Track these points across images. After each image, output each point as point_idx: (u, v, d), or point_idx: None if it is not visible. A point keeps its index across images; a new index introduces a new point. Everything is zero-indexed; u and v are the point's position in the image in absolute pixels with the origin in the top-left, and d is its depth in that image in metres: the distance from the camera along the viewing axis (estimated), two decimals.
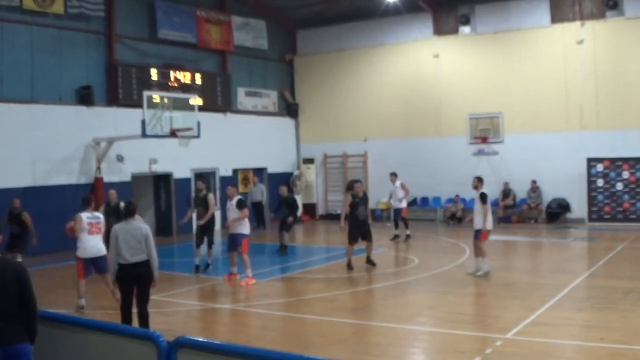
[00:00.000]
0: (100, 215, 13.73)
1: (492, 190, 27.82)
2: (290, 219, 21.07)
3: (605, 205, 26.57)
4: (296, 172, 32.37)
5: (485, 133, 28.90)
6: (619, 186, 26.43)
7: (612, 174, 26.47)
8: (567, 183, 27.00)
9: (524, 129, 28.01)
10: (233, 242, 16.13)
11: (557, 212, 27.51)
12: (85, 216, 13.16)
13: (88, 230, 13.03)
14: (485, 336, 10.58)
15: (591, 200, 26.96)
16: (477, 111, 29.03)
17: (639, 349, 9.78)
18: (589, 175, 26.77)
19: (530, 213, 27.96)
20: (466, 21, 29.55)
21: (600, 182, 26.80)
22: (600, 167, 26.60)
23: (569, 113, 27.32)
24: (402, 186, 23.61)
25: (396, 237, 23.38)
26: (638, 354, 9.60)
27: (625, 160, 26.49)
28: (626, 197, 26.38)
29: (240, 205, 16.09)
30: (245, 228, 16.10)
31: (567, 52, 27.36)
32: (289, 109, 33.65)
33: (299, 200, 31.67)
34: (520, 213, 28.11)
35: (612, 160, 26.63)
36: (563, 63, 27.43)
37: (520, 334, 10.63)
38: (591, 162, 26.88)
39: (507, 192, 28.25)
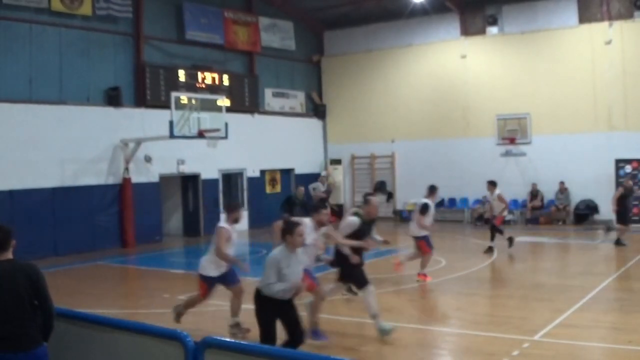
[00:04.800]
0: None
1: (520, 191, 27.83)
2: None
3: (635, 207, 26.31)
4: (324, 173, 32.34)
5: (512, 134, 28.76)
6: None
7: None
8: (595, 184, 26.74)
9: (552, 130, 27.83)
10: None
11: (585, 213, 27.30)
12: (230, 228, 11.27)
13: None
14: (512, 338, 10.51)
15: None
16: (504, 112, 28.88)
17: None
18: (617, 176, 26.53)
19: (558, 214, 27.76)
20: (493, 21, 29.40)
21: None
22: (628, 168, 26.36)
23: (597, 114, 27.11)
24: (500, 198, 20.68)
25: (490, 249, 20.64)
26: None
27: None
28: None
29: (422, 210, 16.18)
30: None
31: (595, 52, 27.15)
32: (316, 110, 33.67)
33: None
34: (548, 214, 27.92)
35: None
36: (591, 63, 27.23)
37: (547, 336, 10.56)
38: (619, 163, 26.64)
39: (535, 194, 28.08)
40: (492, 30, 29.53)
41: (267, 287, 8.40)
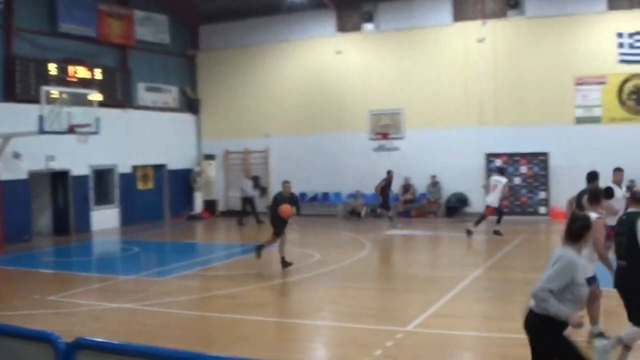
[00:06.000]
0: None
1: (393, 185, 28.10)
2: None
3: (504, 199, 27.05)
4: (197, 169, 31.88)
5: (386, 129, 29.11)
6: (517, 180, 26.99)
7: (510, 169, 26.95)
8: (466, 178, 27.35)
9: (425, 125, 28.31)
10: None
11: (456, 206, 27.92)
12: None
13: None
14: (386, 329, 10.52)
15: None
16: (379, 107, 29.22)
17: None
18: (488, 170, 27.22)
19: (429, 207, 28.29)
20: (369, 18, 29.64)
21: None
22: (498, 162, 27.06)
23: (468, 109, 27.77)
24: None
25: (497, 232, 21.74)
26: None
27: (523, 155, 27.10)
28: (524, 191, 26.98)
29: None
30: None
31: (469, 50, 27.81)
32: (190, 105, 33.10)
33: (199, 197, 31.43)
34: (420, 207, 28.41)
35: (510, 155, 27.19)
36: (464, 61, 27.87)
37: (420, 326, 10.63)
38: (490, 157, 27.38)
39: (407, 187, 28.51)
40: (368, 26, 29.77)
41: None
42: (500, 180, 21.72)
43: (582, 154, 25.50)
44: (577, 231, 6.33)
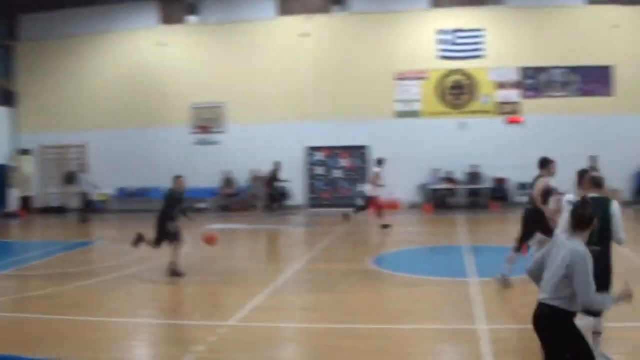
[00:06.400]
0: None
1: (215, 179, 28.05)
2: None
3: (324, 192, 27.55)
4: (12, 164, 30.41)
5: (207, 123, 28.97)
6: (337, 173, 27.60)
7: (331, 162, 27.50)
8: (287, 171, 27.61)
9: (247, 119, 28.42)
10: None
11: (278, 199, 28.13)
12: None
13: None
14: (209, 325, 10.44)
15: (311, 188, 27.90)
16: (201, 101, 29.04)
17: (358, 328, 10.13)
18: (309, 163, 27.61)
19: (251, 201, 28.37)
20: (194, 11, 29.35)
21: (319, 170, 27.79)
22: (319, 156, 27.50)
23: (291, 104, 28.10)
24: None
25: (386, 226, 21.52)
26: (357, 332, 9.92)
27: (343, 148, 27.70)
28: (344, 183, 27.59)
29: None
30: None
31: (292, 45, 28.15)
32: (6, 98, 31.47)
33: (15, 193, 30.08)
34: (241, 202, 28.45)
35: (331, 149, 27.71)
36: (288, 55, 28.21)
37: (243, 320, 10.62)
38: (311, 150, 27.78)
39: (228, 181, 28.48)
40: (192, 19, 29.48)
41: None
42: (375, 171, 22.10)
43: (401, 148, 26.44)
44: (587, 218, 6.31)
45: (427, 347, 9.18)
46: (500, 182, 27.48)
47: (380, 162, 22.09)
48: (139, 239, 15.39)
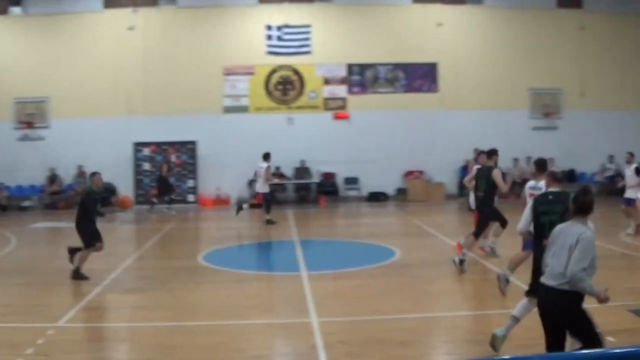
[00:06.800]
0: None
1: (39, 176, 27.13)
2: None
3: (153, 188, 27.21)
4: None
5: (31, 118, 27.95)
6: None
7: (159, 158, 27.21)
8: (114, 167, 27.05)
9: (73, 114, 27.64)
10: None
11: (105, 196, 27.41)
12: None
13: None
14: (36, 326, 10.17)
15: (138, 184, 27.54)
16: (24, 95, 27.89)
17: (190, 325, 10.22)
18: (136, 159, 27.22)
19: (76, 198, 27.59)
20: (17, 1, 28.12)
21: (146, 166, 27.48)
22: (147, 151, 27.17)
23: (117, 98, 27.60)
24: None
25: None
26: (189, 328, 10.00)
27: (172, 144, 27.50)
28: (173, 179, 27.32)
29: None
30: None
31: (119, 38, 27.65)
32: None
33: None
34: (67, 199, 27.66)
35: (159, 144, 27.45)
36: (114, 49, 27.66)
37: (72, 321, 10.44)
38: (138, 146, 27.41)
39: (53, 178, 27.63)
40: (15, 10, 28.23)
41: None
42: (262, 166, 21.90)
43: (229, 143, 26.56)
44: (588, 204, 6.58)
45: (261, 342, 9.38)
46: (328, 177, 28.10)
47: (266, 156, 22.12)
48: (73, 252, 14.26)
